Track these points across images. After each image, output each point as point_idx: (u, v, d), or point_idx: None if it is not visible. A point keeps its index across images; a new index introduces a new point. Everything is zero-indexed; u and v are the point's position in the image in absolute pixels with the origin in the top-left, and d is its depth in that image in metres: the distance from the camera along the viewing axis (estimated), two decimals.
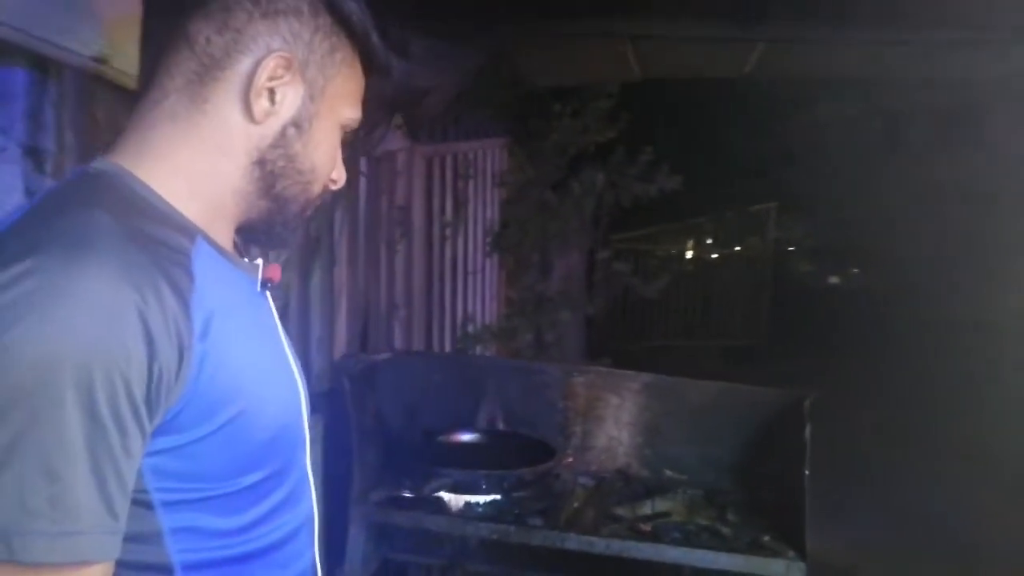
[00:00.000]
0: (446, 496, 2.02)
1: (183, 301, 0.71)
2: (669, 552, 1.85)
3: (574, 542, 1.86)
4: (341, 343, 2.82)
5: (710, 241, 11.06)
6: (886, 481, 4.85)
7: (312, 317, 2.63)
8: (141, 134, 0.80)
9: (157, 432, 0.70)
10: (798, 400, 2.04)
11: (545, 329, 4.50)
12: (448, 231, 3.90)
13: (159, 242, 0.74)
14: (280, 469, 0.83)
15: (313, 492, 0.91)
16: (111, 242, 0.70)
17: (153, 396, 0.68)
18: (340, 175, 0.91)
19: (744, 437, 2.23)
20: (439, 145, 3.79)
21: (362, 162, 2.94)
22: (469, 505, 2.02)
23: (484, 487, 1.99)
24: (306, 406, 0.90)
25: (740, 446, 2.24)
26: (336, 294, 2.80)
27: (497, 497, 2.04)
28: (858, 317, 10.92)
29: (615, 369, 2.43)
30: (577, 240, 5.34)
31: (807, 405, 1.92)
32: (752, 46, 2.74)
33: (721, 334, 10.04)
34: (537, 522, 1.93)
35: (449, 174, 3.94)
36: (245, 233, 0.88)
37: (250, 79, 0.80)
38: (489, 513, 1.98)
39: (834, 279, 14.80)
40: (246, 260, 0.88)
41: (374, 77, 0.91)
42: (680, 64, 3.14)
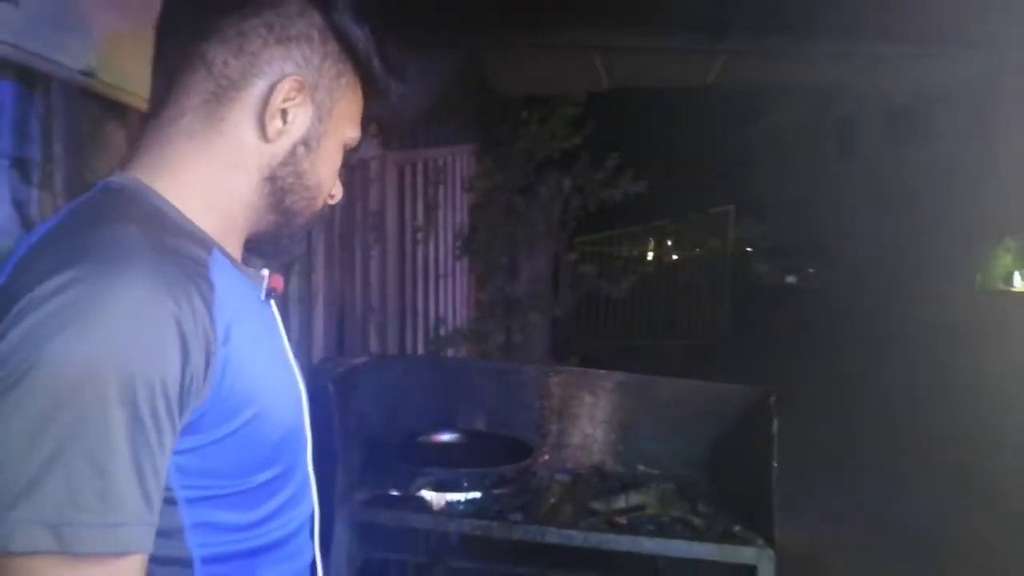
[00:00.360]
0: (428, 495, 2.08)
1: (208, 309, 0.76)
2: (645, 543, 1.92)
3: (554, 536, 1.93)
4: (319, 347, 2.86)
5: (671, 243, 11.24)
6: (844, 474, 5.00)
7: (291, 321, 2.66)
8: (158, 150, 0.85)
9: (183, 432, 0.75)
10: (764, 396, 2.13)
11: (515, 331, 4.58)
12: (420, 236, 3.95)
13: (182, 254, 0.78)
14: (287, 469, 0.89)
15: (314, 492, 0.96)
16: (145, 254, 0.74)
17: (184, 397, 0.73)
18: (338, 191, 0.97)
19: (714, 432, 2.32)
20: (410, 152, 3.84)
21: None
22: (451, 503, 2.07)
23: (466, 484, 2.04)
24: (307, 409, 0.95)
25: (710, 441, 2.33)
26: (313, 298, 2.84)
27: (478, 495, 2.10)
28: (814, 315, 11.19)
29: (589, 369, 2.50)
30: (544, 243, 5.42)
31: (772, 401, 2.01)
32: (714, 58, 2.85)
33: (683, 333, 10.22)
34: (517, 517, 1.99)
35: (420, 180, 4.00)
36: (252, 245, 0.92)
37: (265, 100, 0.85)
38: (471, 510, 2.04)
39: (791, 278, 15.14)
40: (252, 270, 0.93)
41: (374, 99, 0.97)
42: (647, 74, 3.25)
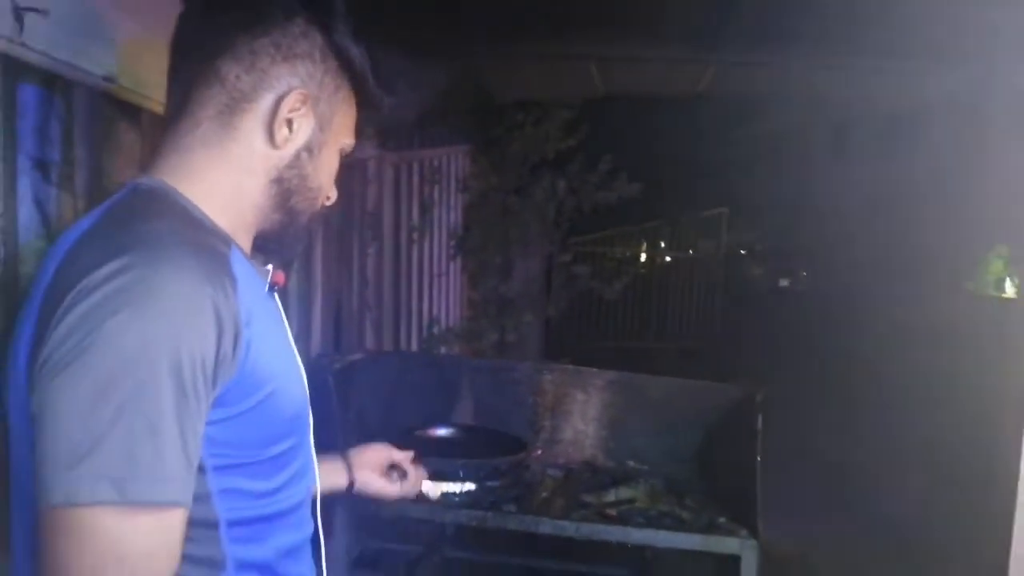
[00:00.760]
0: (425, 486, 2.15)
1: (235, 295, 0.85)
2: (634, 534, 2.00)
3: (547, 526, 2.00)
4: (317, 341, 2.93)
5: (664, 245, 11.29)
6: (831, 475, 5.08)
7: (291, 317, 2.74)
8: (178, 156, 0.94)
9: (213, 405, 0.84)
10: (750, 394, 2.21)
11: (508, 330, 4.65)
12: (415, 235, 4.03)
13: (209, 247, 0.88)
14: (296, 444, 0.98)
15: (316, 470, 1.07)
16: (184, 246, 0.84)
17: (217, 372, 0.82)
18: (334, 193, 1.07)
19: (701, 429, 2.40)
20: (406, 153, 3.91)
21: None
22: (447, 495, 2.15)
23: (462, 475, 2.11)
24: (307, 393, 1.04)
25: (697, 438, 2.41)
26: (312, 295, 2.91)
27: (472, 487, 2.17)
28: (806, 319, 11.25)
29: (581, 367, 2.58)
30: (538, 244, 5.50)
31: (758, 398, 2.10)
32: (704, 67, 2.94)
33: (675, 336, 10.29)
34: (512, 509, 2.07)
35: (416, 180, 4.07)
36: (259, 243, 1.02)
37: (273, 111, 0.95)
38: (466, 502, 2.12)
39: (784, 282, 15.21)
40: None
41: (367, 110, 1.07)
42: (640, 82, 3.34)
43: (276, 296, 1.01)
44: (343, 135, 1.04)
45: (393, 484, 1.51)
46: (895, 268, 12.58)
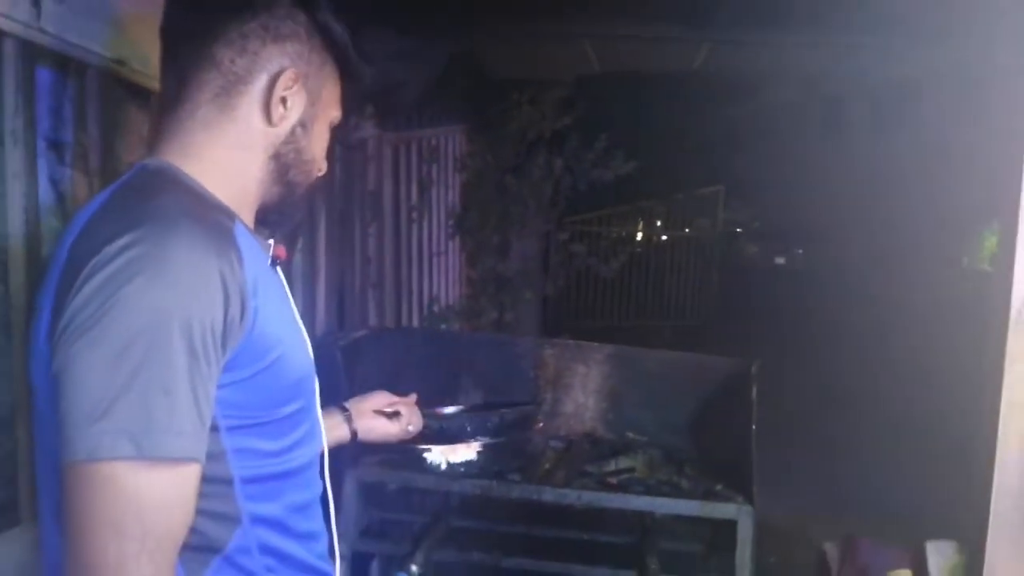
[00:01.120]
0: (431, 457, 2.22)
1: (241, 266, 0.91)
2: (634, 501, 2.06)
3: (550, 495, 2.07)
4: (321, 320, 2.98)
5: (660, 223, 11.30)
6: (826, 451, 5.16)
7: (296, 295, 2.78)
8: (181, 139, 1.00)
9: (224, 369, 0.90)
10: (745, 366, 2.28)
11: (507, 308, 4.70)
12: (414, 215, 4.07)
13: (215, 221, 0.93)
14: (304, 406, 1.05)
15: (323, 432, 1.13)
16: (191, 220, 0.89)
17: (226, 337, 0.88)
18: (324, 165, 1.13)
19: (698, 401, 2.46)
20: (405, 133, 3.94)
21: (337, 150, 3.09)
22: (452, 465, 2.21)
23: (469, 430, 2.17)
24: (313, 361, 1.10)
25: (694, 409, 2.47)
26: (316, 274, 2.96)
27: (479, 448, 2.23)
28: (802, 296, 11.32)
29: (581, 341, 2.64)
30: (535, 223, 5.54)
31: (754, 369, 2.16)
32: (699, 45, 2.97)
33: (672, 314, 10.34)
34: (516, 478, 2.14)
35: (415, 160, 4.10)
36: (260, 216, 1.08)
37: (268, 91, 1.01)
38: (472, 472, 2.18)
39: (780, 260, 15.28)
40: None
41: (351, 83, 1.13)
42: (636, 60, 3.37)
43: (279, 269, 1.06)
44: (331, 108, 1.10)
45: (393, 424, 1.56)
46: (890, 245, 12.64)
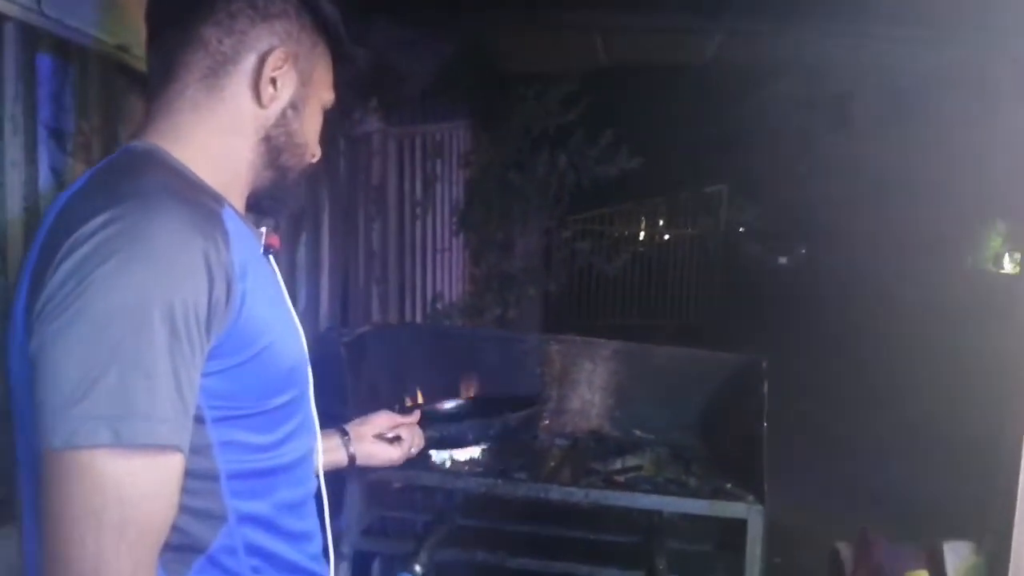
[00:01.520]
0: (435, 455, 2.18)
1: (228, 249, 0.87)
2: (642, 500, 2.02)
3: (556, 493, 2.03)
4: (324, 315, 2.95)
5: (662, 223, 11.25)
6: (831, 448, 5.13)
7: (298, 290, 2.75)
8: (168, 120, 0.96)
9: (209, 356, 0.86)
10: (754, 362, 2.24)
11: (511, 305, 4.67)
12: (418, 210, 4.03)
13: (201, 203, 0.90)
14: (296, 397, 1.01)
15: (317, 427, 1.09)
16: (174, 199, 0.86)
17: (210, 321, 0.84)
18: (318, 151, 1.10)
19: (706, 398, 2.43)
20: (409, 127, 3.91)
21: (341, 143, 3.06)
22: (457, 463, 2.18)
23: (471, 437, 2.13)
24: (307, 352, 1.06)
25: (701, 406, 2.43)
26: (320, 268, 2.93)
27: (476, 456, 2.19)
28: (806, 296, 11.28)
29: (588, 337, 2.60)
30: (538, 219, 5.50)
31: (763, 365, 2.12)
32: (712, 36, 2.93)
33: (674, 313, 10.31)
34: (522, 476, 2.10)
35: (419, 155, 4.07)
36: (252, 202, 1.05)
37: (258, 71, 0.98)
38: (476, 471, 2.14)
39: (783, 259, 15.22)
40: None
41: (343, 64, 1.10)
42: (645, 52, 3.33)
43: (272, 258, 1.03)
44: (323, 90, 1.07)
45: (395, 449, 1.52)
46: (894, 244, 12.56)
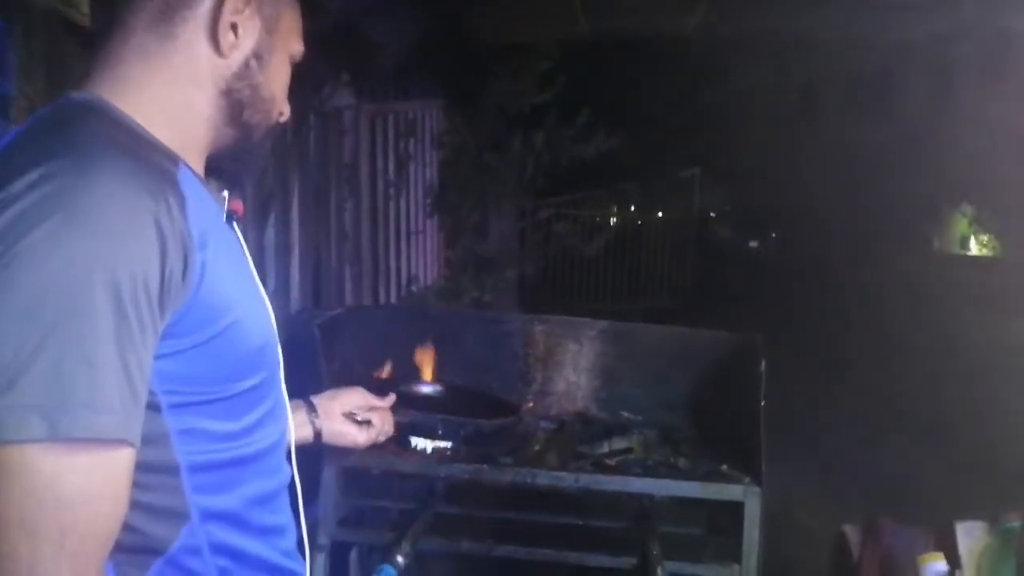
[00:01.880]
0: (416, 440, 2.07)
1: (183, 214, 0.77)
2: (634, 483, 1.94)
3: (544, 478, 1.94)
4: (295, 298, 2.83)
5: (633, 208, 11.23)
6: (806, 431, 5.11)
7: (267, 271, 2.62)
8: (113, 69, 0.85)
9: (164, 336, 0.76)
10: (748, 340, 2.16)
11: (488, 289, 4.57)
12: (392, 191, 3.91)
13: (151, 161, 0.79)
14: (266, 379, 0.91)
15: (289, 413, 1.00)
16: (118, 154, 0.75)
17: (164, 296, 0.74)
18: (286, 109, 0.99)
19: (695, 378, 2.35)
20: (382, 104, 3.78)
21: (311, 119, 2.92)
22: (438, 449, 2.07)
23: (441, 432, 2.03)
24: (276, 330, 0.97)
25: (691, 387, 2.36)
26: (289, 249, 2.80)
27: (448, 446, 2.09)
28: (776, 279, 11.34)
29: (573, 317, 2.51)
30: (513, 202, 5.40)
31: (759, 342, 2.05)
32: (694, 5, 2.83)
33: (648, 296, 10.30)
34: (508, 461, 2.00)
35: (392, 134, 3.94)
36: (213, 163, 0.94)
37: (215, 16, 0.86)
38: (460, 456, 2.04)
39: (753, 243, 15.30)
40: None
41: (313, 16, 1.02)
42: (626, 20, 3.21)
43: (236, 226, 0.93)
44: (291, 40, 0.96)
45: (363, 433, 1.42)
46: (864, 228, 12.69)
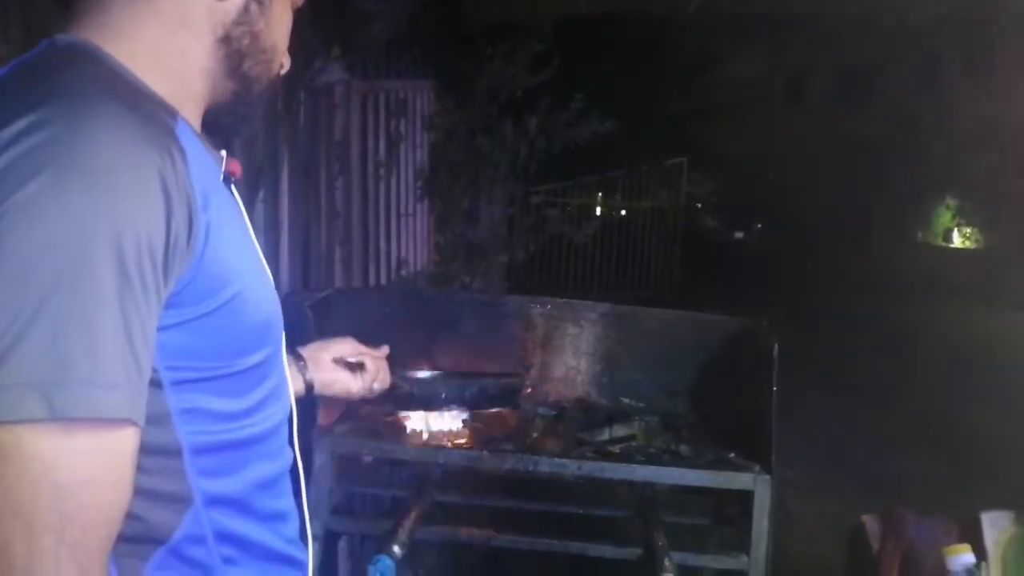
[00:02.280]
0: (411, 424, 2.01)
1: (187, 168, 0.70)
2: (639, 471, 1.88)
3: (546, 465, 1.87)
4: (284, 279, 2.74)
5: (619, 197, 11.22)
6: (792, 421, 5.08)
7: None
8: (101, 13, 0.76)
9: (167, 305, 0.69)
10: (754, 324, 2.10)
11: (478, 274, 4.49)
12: (382, 171, 3.82)
13: (148, 111, 0.71)
14: (269, 357, 0.84)
15: (291, 392, 0.93)
16: (116, 100, 0.68)
17: (169, 260, 0.67)
18: (287, 61, 0.92)
19: (699, 363, 2.28)
20: (373, 82, 3.69)
21: (301, 93, 2.83)
22: (435, 435, 2.01)
23: (444, 396, 1.96)
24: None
25: (695, 372, 2.29)
26: (278, 229, 2.71)
27: (457, 427, 2.04)
28: (761, 270, 11.37)
29: (573, 300, 2.44)
30: (504, 187, 5.33)
31: (765, 325, 1.99)
32: None
33: (635, 286, 10.29)
34: (508, 447, 1.94)
35: (383, 112, 3.85)
36: (210, 118, 0.86)
37: None
38: (457, 442, 1.98)
39: (739, 234, 15.35)
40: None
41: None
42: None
43: (234, 189, 0.86)
44: None
45: (357, 379, 1.35)
46: (849, 219, 12.77)
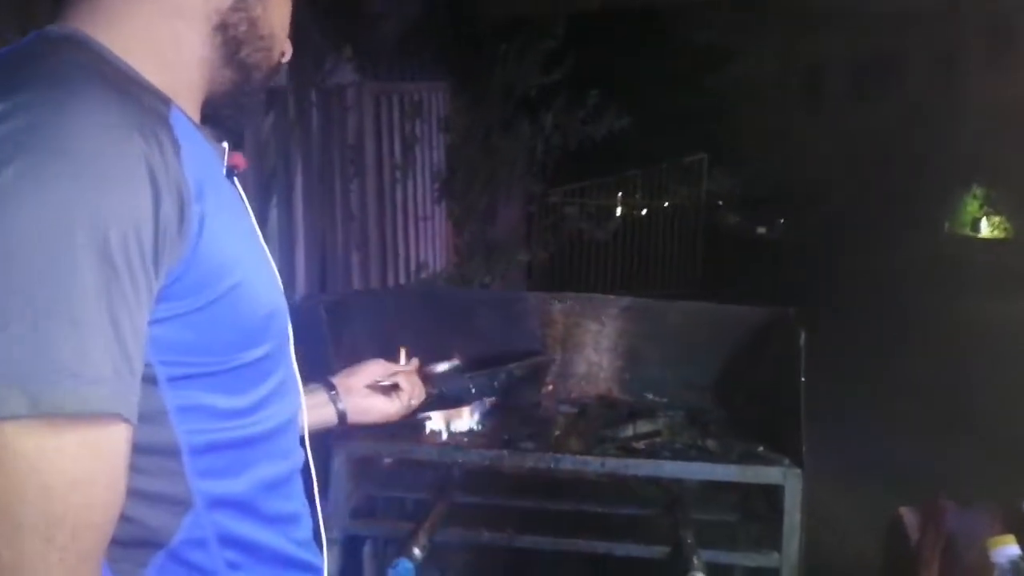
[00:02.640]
0: (431, 425, 1.97)
1: (178, 158, 0.67)
2: (667, 467, 1.83)
3: (569, 463, 1.83)
4: (300, 283, 2.72)
5: (639, 195, 11.14)
6: (822, 413, 4.99)
7: (271, 255, 2.51)
8: (91, 4, 0.74)
9: (159, 298, 0.67)
10: (781, 315, 2.05)
11: (498, 274, 4.46)
12: (398, 173, 3.79)
13: (139, 99, 0.69)
14: (273, 352, 0.81)
15: (300, 388, 0.90)
16: (102, 84, 0.65)
17: (159, 251, 0.64)
18: (288, 48, 0.89)
19: (724, 356, 2.23)
20: (386, 83, 3.67)
21: (313, 95, 2.81)
22: (455, 435, 1.97)
23: (474, 391, 1.92)
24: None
25: (720, 365, 2.24)
26: (293, 233, 2.69)
27: (476, 426, 2.01)
28: (785, 265, 11.24)
29: (594, 295, 2.39)
30: (521, 186, 5.29)
31: (794, 315, 1.93)
32: None
33: (657, 283, 10.19)
34: (529, 446, 1.90)
35: (397, 115, 3.83)
36: (210, 110, 0.84)
37: None
38: (478, 441, 1.94)
39: (761, 230, 15.18)
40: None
41: None
42: None
43: (237, 182, 0.83)
44: None
45: (393, 401, 1.30)
46: (873, 212, 12.60)
